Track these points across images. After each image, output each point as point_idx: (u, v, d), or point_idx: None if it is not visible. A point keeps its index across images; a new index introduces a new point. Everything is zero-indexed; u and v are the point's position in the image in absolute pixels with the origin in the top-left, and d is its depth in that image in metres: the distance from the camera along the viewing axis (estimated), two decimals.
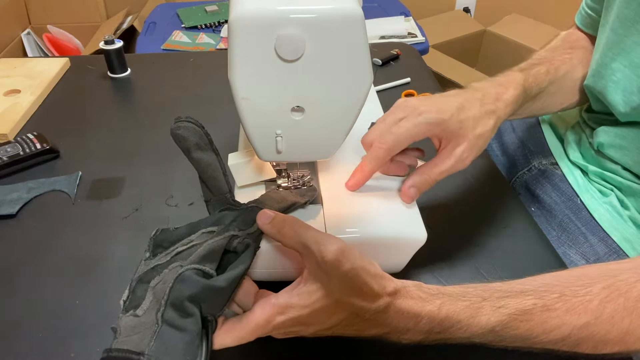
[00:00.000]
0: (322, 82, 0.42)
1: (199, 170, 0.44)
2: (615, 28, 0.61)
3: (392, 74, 0.94)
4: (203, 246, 0.40)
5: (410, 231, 0.48)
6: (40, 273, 0.57)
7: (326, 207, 0.50)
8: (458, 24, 2.15)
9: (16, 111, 0.82)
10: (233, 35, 0.39)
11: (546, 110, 0.68)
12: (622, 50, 0.60)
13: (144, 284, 0.39)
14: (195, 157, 0.43)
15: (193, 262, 0.39)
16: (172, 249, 0.42)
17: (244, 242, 0.41)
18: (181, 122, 0.43)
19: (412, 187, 0.50)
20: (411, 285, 0.42)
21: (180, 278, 0.38)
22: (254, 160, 0.51)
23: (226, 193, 0.44)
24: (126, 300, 0.39)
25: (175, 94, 0.90)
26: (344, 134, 0.47)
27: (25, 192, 0.67)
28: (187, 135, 0.43)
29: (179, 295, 0.37)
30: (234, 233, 0.41)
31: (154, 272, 0.40)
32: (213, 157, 0.44)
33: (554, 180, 0.72)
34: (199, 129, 0.43)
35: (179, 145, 0.44)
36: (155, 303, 0.38)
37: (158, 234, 0.43)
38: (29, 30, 2.01)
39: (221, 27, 1.64)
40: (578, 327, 0.40)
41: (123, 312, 0.38)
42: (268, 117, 0.44)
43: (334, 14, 0.39)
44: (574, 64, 0.67)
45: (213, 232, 0.42)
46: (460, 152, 0.50)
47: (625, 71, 0.60)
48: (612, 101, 0.62)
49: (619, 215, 0.65)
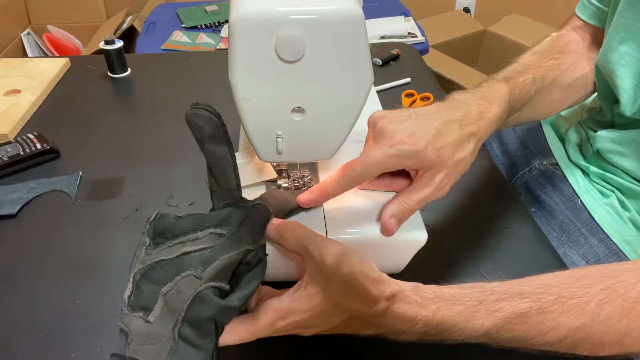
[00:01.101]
0: (322, 82, 0.42)
1: (210, 163, 0.42)
2: (623, 11, 0.60)
3: (392, 74, 0.94)
4: (219, 260, 0.39)
5: (410, 232, 0.48)
6: (40, 273, 0.57)
7: (326, 208, 0.50)
8: (458, 24, 2.15)
9: (16, 111, 0.82)
10: (233, 35, 0.39)
11: (533, 118, 0.66)
12: (631, 33, 0.59)
13: (151, 283, 0.39)
14: (208, 149, 0.42)
15: (210, 279, 0.38)
16: (175, 242, 0.41)
17: (257, 256, 0.41)
18: (198, 109, 0.41)
19: (392, 218, 0.47)
20: (408, 288, 0.42)
21: (199, 297, 0.37)
22: (254, 160, 0.51)
23: (234, 190, 0.43)
24: (130, 296, 0.38)
25: (175, 94, 0.90)
26: (344, 134, 0.47)
27: (26, 192, 0.67)
28: (202, 124, 0.41)
29: (198, 315, 0.37)
30: (249, 247, 0.41)
31: (161, 270, 0.39)
32: (226, 151, 0.42)
33: (555, 180, 0.72)
34: (215, 119, 0.41)
35: (193, 133, 0.41)
36: (168, 313, 0.37)
37: (157, 220, 0.42)
38: (29, 30, 2.01)
39: (221, 27, 1.64)
40: (574, 329, 0.40)
41: (129, 308, 0.38)
42: (268, 117, 0.44)
43: (334, 15, 0.39)
44: (562, 70, 0.64)
45: (222, 235, 0.41)
46: (439, 180, 0.47)
47: (634, 54, 0.59)
48: (621, 86, 0.61)
49: (619, 217, 0.65)
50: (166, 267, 0.39)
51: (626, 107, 0.62)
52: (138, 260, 0.40)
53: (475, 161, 0.51)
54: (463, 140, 0.48)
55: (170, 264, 0.39)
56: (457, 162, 0.48)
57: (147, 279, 0.39)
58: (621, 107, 0.62)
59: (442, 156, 0.47)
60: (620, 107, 0.62)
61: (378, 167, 0.46)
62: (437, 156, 0.46)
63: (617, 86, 0.61)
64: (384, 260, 0.47)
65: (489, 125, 0.51)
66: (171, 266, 0.39)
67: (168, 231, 0.41)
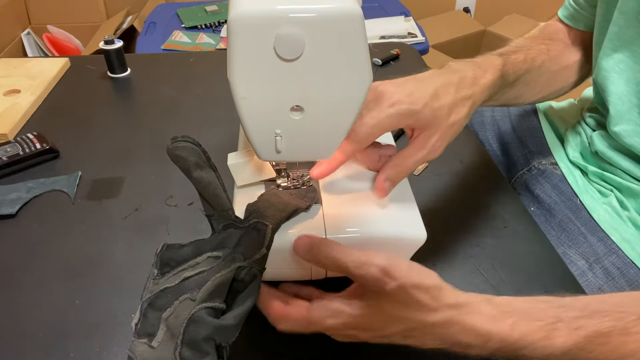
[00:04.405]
0: (321, 81, 0.42)
1: (200, 189, 0.44)
2: (616, 20, 0.61)
3: (392, 74, 0.93)
4: (211, 281, 0.40)
5: (410, 231, 0.48)
6: (39, 273, 0.57)
7: (326, 207, 0.50)
8: (458, 24, 2.16)
9: (16, 111, 0.82)
10: (232, 34, 0.39)
11: (521, 100, 0.68)
12: (625, 41, 0.60)
13: (155, 310, 0.40)
14: (196, 177, 0.43)
15: (203, 300, 0.39)
16: (178, 270, 0.42)
17: (250, 273, 0.41)
18: (178, 142, 0.43)
19: (386, 181, 0.48)
20: (479, 299, 0.39)
21: (192, 319, 0.38)
22: (254, 160, 0.51)
23: (229, 210, 0.44)
24: (137, 324, 0.39)
25: (175, 94, 0.90)
26: (344, 133, 0.47)
27: (25, 192, 0.67)
28: (186, 155, 0.43)
29: (194, 336, 0.38)
30: (241, 264, 0.41)
31: (164, 297, 0.40)
32: (212, 175, 0.43)
33: (554, 180, 0.72)
34: (197, 148, 0.43)
35: (178, 165, 0.43)
36: (169, 337, 0.38)
37: (164, 251, 0.43)
38: (29, 30, 2.02)
39: (221, 27, 1.64)
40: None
41: (135, 335, 0.39)
42: (267, 116, 0.44)
43: (333, 14, 0.39)
44: (551, 55, 0.67)
45: (219, 258, 0.42)
46: (434, 142, 0.48)
47: (628, 62, 0.60)
48: (615, 93, 0.62)
49: (618, 216, 0.65)
50: (169, 294, 0.40)
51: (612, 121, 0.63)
52: (147, 290, 0.41)
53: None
54: (458, 103, 0.50)
55: (172, 291, 0.40)
56: (452, 124, 0.49)
57: (151, 307, 0.40)
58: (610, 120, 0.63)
59: (438, 117, 0.48)
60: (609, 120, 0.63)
61: (379, 127, 0.47)
62: (433, 117, 0.48)
63: (611, 93, 0.63)
64: None
65: (483, 91, 0.53)
66: (173, 292, 0.40)
67: (172, 260, 0.42)
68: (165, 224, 0.63)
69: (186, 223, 0.63)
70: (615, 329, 0.38)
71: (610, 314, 0.39)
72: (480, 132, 0.87)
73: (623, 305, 0.40)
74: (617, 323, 0.38)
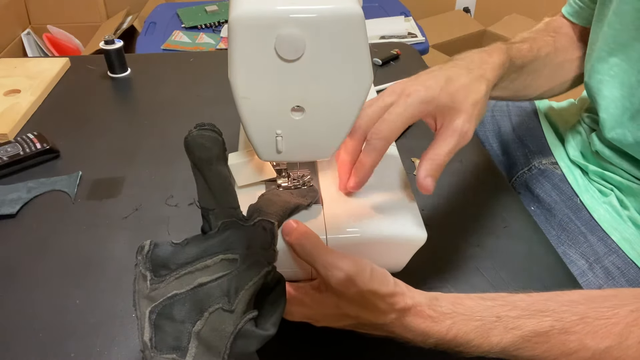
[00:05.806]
0: (322, 81, 0.42)
1: (216, 183, 0.40)
2: (612, 23, 0.61)
3: (392, 74, 0.94)
4: (245, 289, 0.38)
5: (410, 231, 0.48)
6: (39, 273, 0.57)
7: (326, 207, 0.50)
8: (458, 24, 2.16)
9: (16, 111, 0.82)
10: (233, 34, 0.39)
11: (527, 91, 0.68)
12: (620, 45, 0.61)
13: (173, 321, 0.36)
14: (215, 170, 0.40)
15: (244, 312, 0.38)
16: (183, 272, 0.38)
17: (275, 276, 0.41)
18: (205, 130, 0.39)
19: (427, 177, 0.46)
20: (425, 302, 0.41)
21: (242, 334, 0.37)
22: (254, 160, 0.51)
23: (236, 207, 0.41)
24: (152, 338, 0.36)
25: (175, 94, 0.90)
26: (344, 134, 0.47)
27: (25, 192, 0.67)
28: (210, 145, 0.39)
29: (244, 351, 0.37)
30: (268, 269, 0.40)
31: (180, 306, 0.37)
32: (227, 169, 0.41)
33: (554, 179, 0.72)
34: (221, 139, 0.40)
35: (195, 154, 0.39)
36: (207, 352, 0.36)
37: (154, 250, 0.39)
38: (29, 30, 2.01)
39: (221, 27, 1.64)
40: (600, 352, 0.38)
41: (154, 351, 0.35)
42: (268, 116, 0.44)
43: (334, 14, 0.39)
44: (556, 47, 0.68)
45: (234, 261, 0.39)
46: (460, 126, 0.47)
47: (623, 65, 0.61)
48: (608, 96, 0.62)
49: (618, 215, 0.65)
50: (186, 302, 0.37)
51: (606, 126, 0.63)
52: (142, 296, 0.37)
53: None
54: (474, 81, 0.49)
55: (188, 299, 0.37)
56: (474, 104, 0.48)
57: (166, 318, 0.36)
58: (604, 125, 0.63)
59: (457, 101, 0.47)
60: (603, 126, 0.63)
61: (401, 121, 0.47)
62: (452, 100, 0.47)
63: (604, 97, 0.63)
64: (383, 259, 0.47)
65: (493, 69, 0.53)
66: (190, 301, 0.37)
67: (171, 262, 0.38)
68: (166, 224, 0.63)
69: (187, 223, 0.63)
70: (553, 329, 0.39)
71: (553, 313, 0.40)
72: (480, 132, 0.87)
73: (570, 304, 0.41)
74: (557, 323, 0.40)
